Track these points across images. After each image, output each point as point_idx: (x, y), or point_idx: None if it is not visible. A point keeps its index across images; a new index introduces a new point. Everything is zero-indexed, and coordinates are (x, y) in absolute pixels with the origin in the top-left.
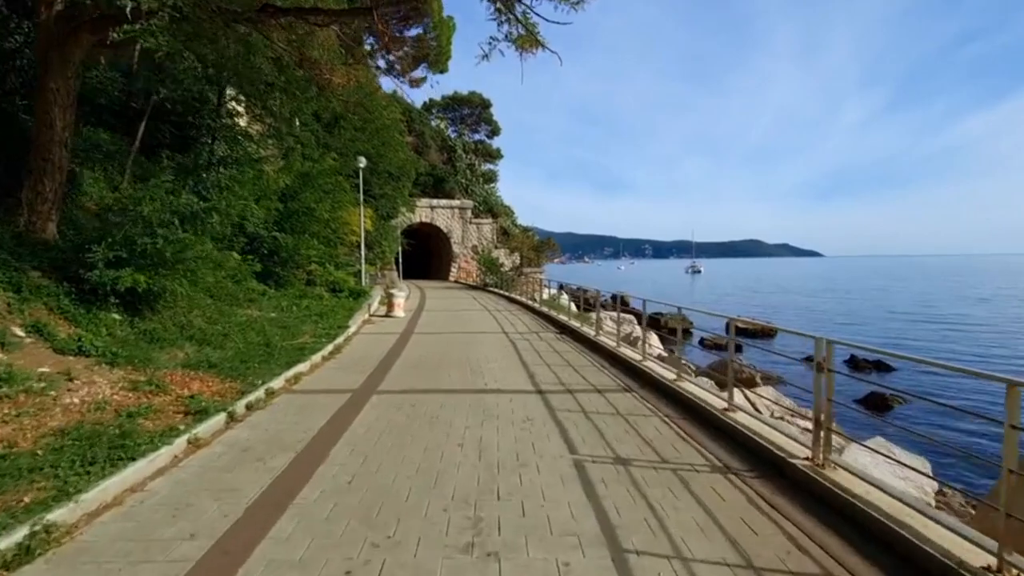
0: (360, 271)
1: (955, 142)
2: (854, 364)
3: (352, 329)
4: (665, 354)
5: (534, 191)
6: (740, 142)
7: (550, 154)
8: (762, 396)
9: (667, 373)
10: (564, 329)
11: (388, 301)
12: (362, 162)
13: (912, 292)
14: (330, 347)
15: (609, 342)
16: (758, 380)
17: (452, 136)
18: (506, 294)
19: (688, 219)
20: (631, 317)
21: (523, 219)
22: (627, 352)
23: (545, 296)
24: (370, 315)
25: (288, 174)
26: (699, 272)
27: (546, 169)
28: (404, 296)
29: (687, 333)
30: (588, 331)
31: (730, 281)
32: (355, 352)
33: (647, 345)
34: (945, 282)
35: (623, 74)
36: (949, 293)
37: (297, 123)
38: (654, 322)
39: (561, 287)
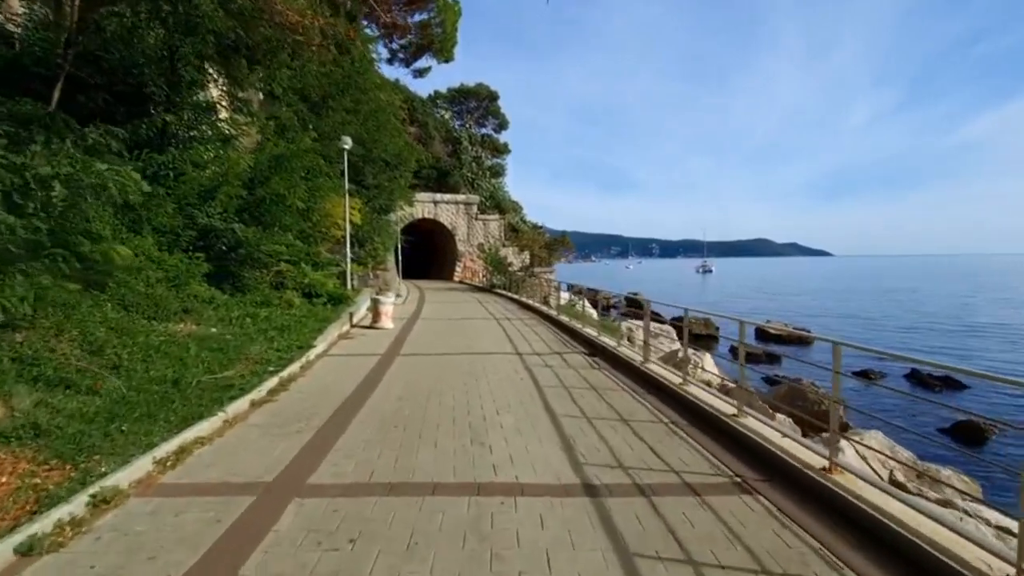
0: (345, 272)
1: (964, 141)
2: (918, 380)
3: (319, 348)
4: (731, 384)
5: (538, 190)
6: (747, 141)
7: (553, 153)
8: (871, 448)
9: (807, 455)
10: (595, 348)
11: (374, 309)
12: (347, 143)
13: (943, 294)
14: (273, 381)
15: (669, 375)
16: (844, 417)
17: (457, 127)
18: (516, 297)
19: (695, 218)
20: (668, 329)
21: (530, 217)
22: (705, 396)
23: (562, 300)
24: (352, 326)
25: (260, 155)
26: (710, 272)
27: (550, 168)
28: (393, 302)
29: (713, 339)
30: (631, 354)
31: (744, 281)
32: (307, 390)
33: (698, 368)
34: (970, 283)
35: (626, 74)
36: (982, 296)
37: (284, 106)
38: (678, 327)
39: (570, 287)
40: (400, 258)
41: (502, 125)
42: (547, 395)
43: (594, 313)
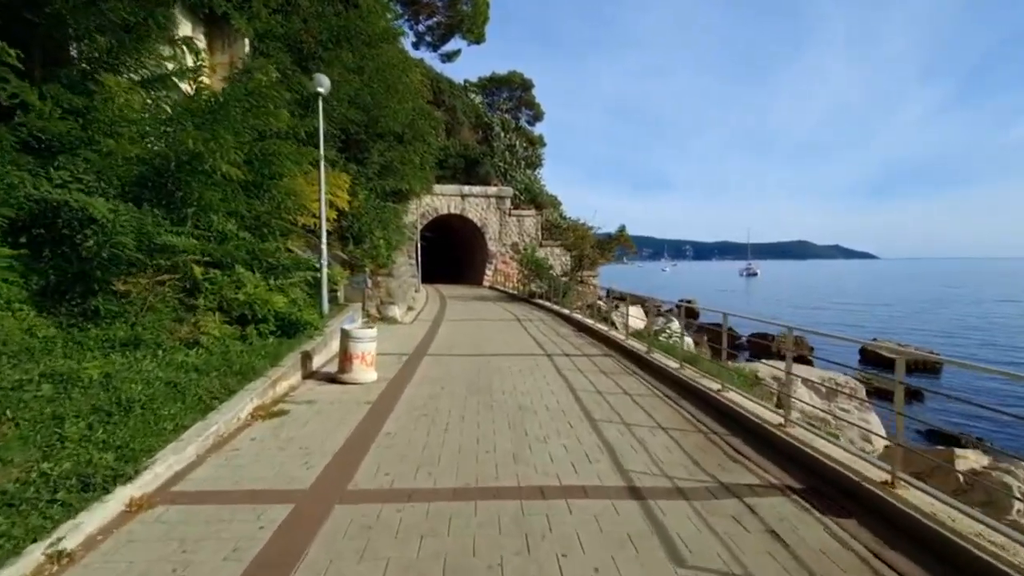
0: (321, 277)
1: (1022, 138)
2: None
3: (156, 475)
4: None
5: (568, 190)
6: (787, 139)
7: (584, 152)
8: None
9: None
10: (821, 479)
11: (343, 349)
12: (322, 85)
13: None
14: None
15: None
16: None
17: (489, 113)
18: (566, 313)
19: (731, 219)
20: (849, 383)
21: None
22: None
23: (634, 321)
24: (308, 375)
25: (195, 100)
26: (755, 275)
27: (580, 168)
28: (374, 337)
29: (805, 360)
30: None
31: (795, 286)
32: None
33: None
34: None
35: (662, 71)
36: None
37: (259, 55)
38: (760, 347)
39: (635, 304)
40: (420, 259)
41: (537, 116)
42: None
43: (678, 334)
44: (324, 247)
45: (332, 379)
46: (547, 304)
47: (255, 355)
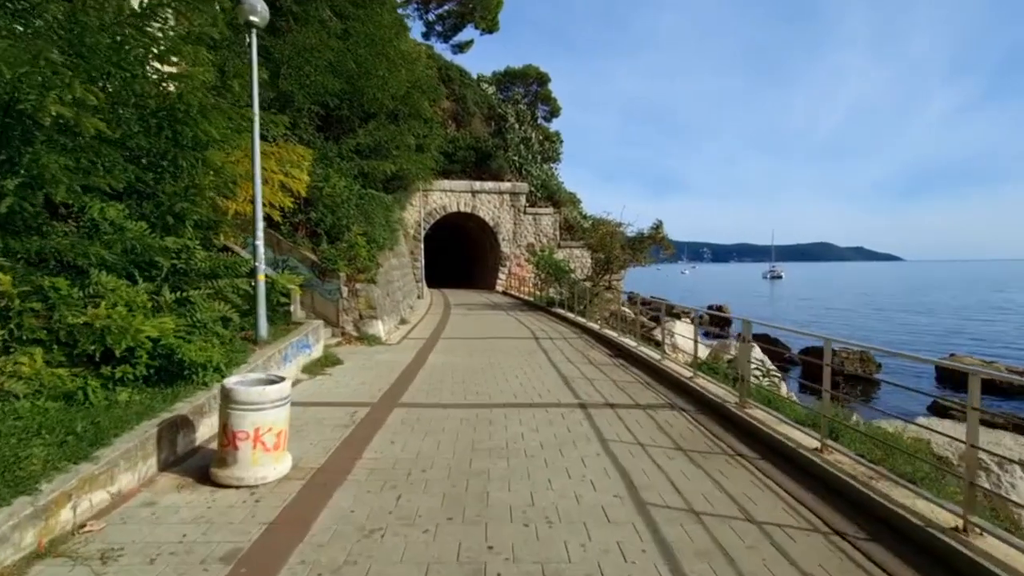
0: (257, 287)
1: None
2: None
3: None
4: None
5: (580, 191)
6: (808, 138)
7: (599, 154)
8: None
9: None
10: None
11: (221, 425)
12: (254, 13)
13: None
14: None
15: None
16: None
17: (502, 103)
18: (593, 327)
19: (749, 221)
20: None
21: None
22: None
23: (682, 341)
24: (170, 464)
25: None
26: (779, 278)
27: (594, 169)
28: (284, 400)
29: (871, 383)
30: None
31: (824, 290)
32: None
33: None
34: None
35: (679, 70)
36: None
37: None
38: (815, 365)
39: (675, 315)
40: (424, 261)
41: (553, 112)
42: None
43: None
44: (259, 243)
45: (207, 474)
46: (569, 315)
47: (61, 433)
